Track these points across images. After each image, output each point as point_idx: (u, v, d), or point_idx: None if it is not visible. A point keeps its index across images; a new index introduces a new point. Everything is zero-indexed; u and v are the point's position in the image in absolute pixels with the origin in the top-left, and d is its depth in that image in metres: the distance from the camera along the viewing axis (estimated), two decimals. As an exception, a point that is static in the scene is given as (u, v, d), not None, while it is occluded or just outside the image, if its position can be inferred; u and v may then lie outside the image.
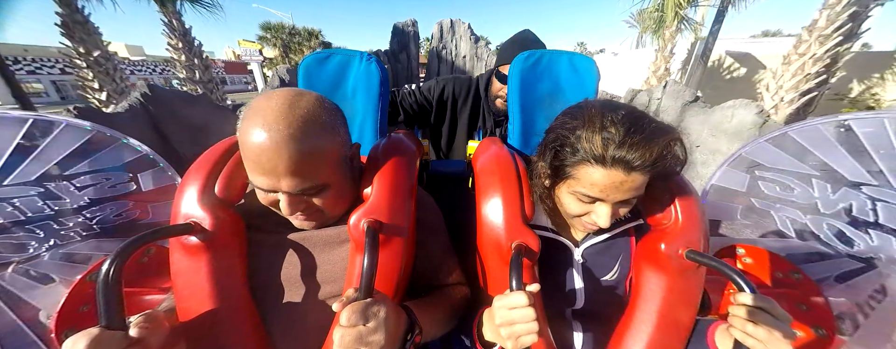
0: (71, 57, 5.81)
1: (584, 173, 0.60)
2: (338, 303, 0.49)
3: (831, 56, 4.87)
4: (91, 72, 5.81)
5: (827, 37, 4.77)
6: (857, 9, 4.56)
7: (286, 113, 0.53)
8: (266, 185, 0.57)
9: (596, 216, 0.64)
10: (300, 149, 0.54)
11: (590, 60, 1.03)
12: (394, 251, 0.65)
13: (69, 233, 0.93)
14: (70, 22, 5.45)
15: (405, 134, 0.97)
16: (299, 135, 0.54)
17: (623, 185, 0.57)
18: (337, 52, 1.05)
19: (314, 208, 0.63)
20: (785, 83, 5.18)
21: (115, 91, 5.99)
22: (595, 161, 0.57)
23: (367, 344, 0.49)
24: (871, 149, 0.83)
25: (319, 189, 0.61)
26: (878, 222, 0.83)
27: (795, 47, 5.12)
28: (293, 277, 0.68)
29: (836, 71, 5.09)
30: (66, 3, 5.37)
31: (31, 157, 0.87)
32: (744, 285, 0.56)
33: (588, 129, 0.59)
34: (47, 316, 0.87)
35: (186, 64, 6.58)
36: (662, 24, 7.14)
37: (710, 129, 2.29)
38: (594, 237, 0.77)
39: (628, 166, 0.55)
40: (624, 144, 0.55)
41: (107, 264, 0.49)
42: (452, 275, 0.79)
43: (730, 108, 2.20)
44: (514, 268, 0.58)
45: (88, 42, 5.68)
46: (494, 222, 0.69)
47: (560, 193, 0.68)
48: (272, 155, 0.53)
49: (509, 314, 0.54)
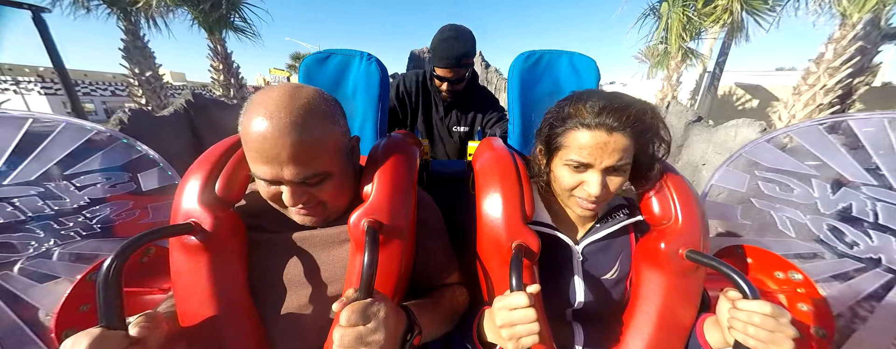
0: (125, 78, 7.25)
1: (572, 139, 0.66)
2: (337, 304, 0.49)
3: (844, 87, 4.99)
4: (141, 89, 7.23)
5: (836, 69, 4.91)
6: (864, 43, 4.72)
7: (287, 102, 0.55)
8: (269, 175, 0.57)
9: (588, 185, 0.67)
10: (302, 136, 0.55)
11: (590, 60, 1.03)
12: (394, 251, 0.65)
13: (69, 233, 0.93)
14: (131, 47, 6.95)
15: (405, 134, 0.97)
16: (301, 122, 0.54)
17: (607, 147, 0.63)
18: (337, 52, 1.05)
19: (316, 200, 0.63)
20: (797, 113, 5.32)
21: (159, 107, 7.26)
22: (581, 126, 0.65)
23: (367, 344, 0.49)
24: (871, 149, 0.83)
25: (321, 178, 0.61)
26: (878, 222, 0.83)
27: (804, 78, 5.28)
28: (293, 277, 0.68)
29: (852, 103, 5.22)
30: (131, 31, 6.85)
31: (31, 157, 0.87)
32: (744, 285, 0.56)
33: (575, 104, 0.68)
34: (47, 315, 0.87)
35: (223, 83, 7.76)
36: (667, 54, 7.54)
37: (715, 147, 2.37)
38: (593, 234, 0.78)
39: (609, 127, 0.63)
40: (604, 110, 0.64)
41: (107, 264, 0.49)
42: (452, 275, 0.79)
43: (733, 127, 2.28)
44: (514, 268, 0.58)
45: (143, 64, 7.11)
46: (494, 222, 0.69)
47: (555, 168, 0.72)
48: (275, 143, 0.53)
49: (510, 315, 0.54)
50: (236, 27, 7.68)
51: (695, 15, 6.65)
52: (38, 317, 0.87)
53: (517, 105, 1.01)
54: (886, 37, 4.90)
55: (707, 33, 7.31)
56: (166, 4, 6.61)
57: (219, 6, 7.00)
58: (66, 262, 0.92)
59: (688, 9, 6.67)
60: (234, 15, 7.51)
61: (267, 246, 0.69)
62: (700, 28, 6.88)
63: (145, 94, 7.25)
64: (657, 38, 7.37)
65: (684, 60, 7.53)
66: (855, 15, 4.64)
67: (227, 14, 7.31)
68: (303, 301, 0.67)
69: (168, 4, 6.63)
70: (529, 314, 0.53)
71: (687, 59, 7.56)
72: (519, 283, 0.56)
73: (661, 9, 7.05)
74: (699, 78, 9.12)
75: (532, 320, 0.53)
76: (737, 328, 0.55)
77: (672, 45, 7.10)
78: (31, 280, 0.88)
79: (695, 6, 6.63)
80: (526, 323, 0.53)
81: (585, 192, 0.68)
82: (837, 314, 0.85)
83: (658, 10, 7.17)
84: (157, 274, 0.85)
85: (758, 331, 0.52)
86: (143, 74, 7.14)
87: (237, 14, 7.55)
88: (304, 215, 0.66)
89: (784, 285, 0.85)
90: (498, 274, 0.71)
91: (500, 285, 0.70)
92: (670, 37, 7.00)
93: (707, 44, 8.47)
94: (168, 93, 7.74)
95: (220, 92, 7.83)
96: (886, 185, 0.82)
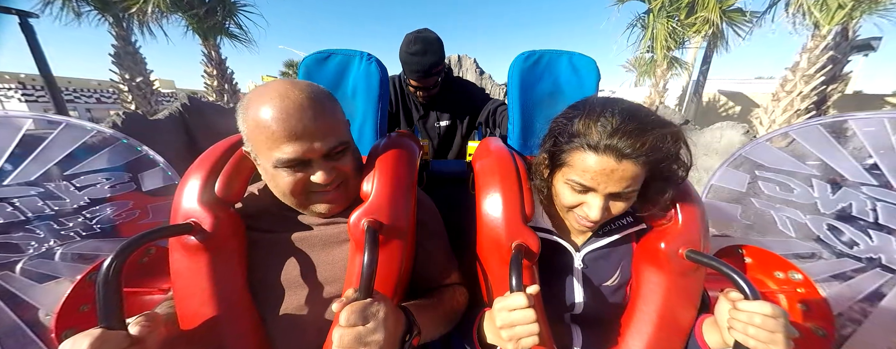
0: (114, 84, 7.16)
1: (577, 159, 0.61)
2: (337, 304, 0.49)
3: (819, 94, 5.40)
4: (131, 95, 7.14)
5: (810, 77, 5.32)
6: (835, 53, 5.15)
7: (292, 85, 0.57)
8: (299, 152, 0.56)
9: (587, 208, 0.63)
10: (323, 106, 0.58)
11: (590, 60, 1.03)
12: (393, 251, 0.65)
13: (69, 233, 0.93)
14: (122, 52, 6.85)
15: (405, 134, 0.97)
16: (314, 97, 0.57)
17: (614, 174, 0.58)
18: (337, 52, 1.05)
19: (343, 175, 0.64)
20: (777, 118, 5.67)
21: (149, 113, 7.24)
22: (588, 147, 0.59)
23: (366, 344, 0.49)
24: (872, 149, 0.83)
25: (344, 147, 0.63)
26: (878, 222, 0.83)
27: (782, 86, 5.66)
28: (293, 277, 0.68)
29: (827, 109, 5.59)
30: (122, 37, 6.75)
31: (31, 157, 0.87)
32: (744, 285, 0.56)
33: (586, 118, 0.61)
34: (47, 315, 0.87)
35: (217, 89, 7.70)
36: (653, 62, 7.98)
37: (702, 148, 2.53)
38: (595, 241, 0.76)
39: (619, 154, 0.56)
40: (617, 132, 0.56)
41: (106, 263, 0.49)
42: (452, 276, 0.79)
43: (718, 130, 2.45)
44: (514, 267, 0.58)
45: (134, 70, 7.01)
46: (494, 222, 0.69)
47: (556, 183, 0.68)
48: (300, 117, 0.54)
49: (510, 316, 0.54)
50: (231, 33, 7.68)
51: (678, 25, 6.98)
52: (38, 317, 0.87)
53: (517, 105, 1.01)
54: (855, 47, 5.25)
55: (690, 43, 7.72)
56: (161, 11, 6.57)
57: (214, 13, 7.00)
58: (67, 262, 0.92)
59: (672, 19, 7.02)
60: (229, 21, 7.50)
61: (267, 246, 0.69)
62: (684, 38, 7.24)
63: (135, 100, 7.18)
64: (644, 47, 7.73)
65: (670, 68, 7.90)
66: (825, 26, 4.96)
67: (223, 20, 7.31)
68: (302, 301, 0.67)
69: (162, 11, 6.58)
70: (529, 315, 0.53)
71: (672, 67, 7.93)
72: (519, 283, 0.56)
73: (648, 20, 7.41)
74: (685, 85, 9.62)
75: (532, 321, 0.53)
76: (737, 329, 0.55)
77: (658, 53, 7.45)
78: (32, 280, 0.88)
79: (678, 17, 6.97)
80: (526, 323, 0.53)
81: (584, 213, 0.65)
82: (837, 314, 0.85)
83: (644, 20, 7.53)
84: (157, 274, 0.85)
85: (758, 332, 0.52)
86: (134, 80, 7.06)
87: (232, 20, 7.54)
88: (331, 201, 0.66)
89: (784, 285, 0.85)
90: (498, 274, 0.71)
91: (500, 285, 0.70)
92: (656, 46, 7.33)
93: (691, 53, 8.94)
94: (157, 99, 7.72)
95: (213, 97, 7.80)
96: (886, 185, 0.82)
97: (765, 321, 0.52)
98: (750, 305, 0.54)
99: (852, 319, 0.86)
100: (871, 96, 8.92)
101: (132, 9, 6.29)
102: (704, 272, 0.73)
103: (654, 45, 7.35)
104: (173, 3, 6.50)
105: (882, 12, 4.79)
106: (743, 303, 0.55)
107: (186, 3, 6.65)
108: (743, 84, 11.20)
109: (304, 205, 0.66)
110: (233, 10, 7.40)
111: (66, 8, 6.27)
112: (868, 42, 5.98)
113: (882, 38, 6.23)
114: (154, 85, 7.61)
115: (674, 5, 6.80)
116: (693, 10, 6.69)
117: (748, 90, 10.46)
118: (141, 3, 6.16)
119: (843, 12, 4.72)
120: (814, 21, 5.11)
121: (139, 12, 6.40)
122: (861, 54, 5.97)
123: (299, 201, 0.64)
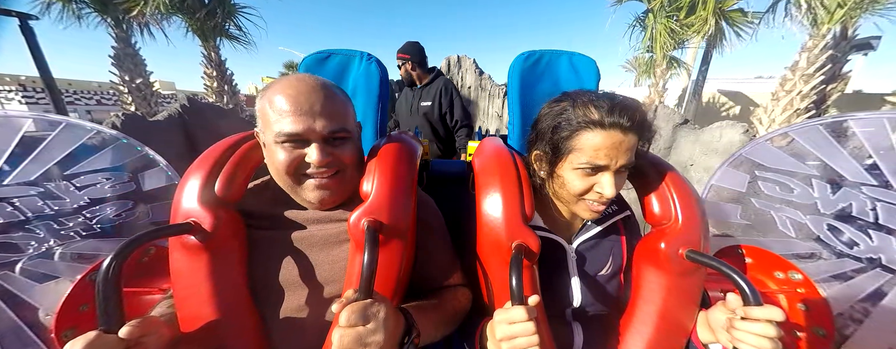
0: (114, 86, 7.14)
1: (585, 140, 0.64)
2: (337, 304, 0.49)
3: (818, 93, 5.37)
4: (131, 96, 7.14)
5: (810, 76, 5.29)
6: (834, 52, 5.12)
7: (306, 75, 0.64)
8: (299, 127, 0.59)
9: (601, 186, 0.66)
10: (333, 92, 0.64)
11: (590, 60, 1.03)
12: (394, 251, 0.65)
13: (69, 233, 0.93)
14: (122, 54, 6.86)
15: (406, 134, 0.97)
16: (328, 84, 0.65)
17: (622, 146, 0.63)
18: (337, 52, 1.05)
19: (338, 164, 0.66)
20: (776, 117, 5.66)
21: (149, 114, 7.52)
22: (594, 125, 0.63)
23: (366, 344, 0.49)
24: (872, 149, 0.83)
25: (346, 136, 0.66)
26: (878, 222, 0.83)
27: (782, 85, 5.64)
28: (293, 277, 0.67)
29: (826, 108, 5.58)
30: (122, 38, 6.77)
31: (31, 157, 0.87)
32: (744, 286, 0.56)
33: (578, 106, 0.66)
34: (47, 315, 0.87)
35: (217, 90, 7.68)
36: (653, 62, 7.98)
37: (701, 147, 2.51)
38: (585, 232, 0.79)
39: (622, 127, 0.62)
40: (614, 108, 0.63)
41: (106, 263, 0.49)
42: (453, 277, 0.78)
43: (718, 129, 2.43)
44: (515, 268, 0.58)
45: (134, 72, 7.02)
46: (494, 222, 0.69)
47: (563, 173, 0.70)
48: (309, 96, 0.60)
49: (510, 328, 0.54)
50: (231, 35, 7.66)
51: (678, 25, 6.99)
52: (38, 317, 0.87)
53: (517, 105, 1.01)
54: (854, 47, 5.24)
55: (690, 43, 7.69)
56: (161, 13, 6.54)
57: (214, 14, 6.99)
58: (67, 262, 0.92)
59: (671, 20, 7.03)
60: (229, 23, 7.48)
61: (267, 246, 0.69)
62: (683, 38, 7.25)
63: (135, 101, 7.18)
64: (643, 47, 7.78)
65: (669, 68, 7.92)
66: (825, 25, 4.96)
67: (223, 22, 7.29)
68: (302, 301, 0.67)
69: (162, 13, 6.56)
70: (529, 327, 0.53)
71: (672, 67, 7.96)
72: (519, 284, 0.56)
73: (647, 20, 7.46)
74: (685, 85, 9.61)
75: (532, 333, 0.53)
76: (737, 328, 0.55)
77: (657, 53, 7.47)
78: (32, 280, 0.88)
79: (678, 17, 6.98)
80: (526, 336, 0.53)
81: (598, 194, 0.67)
82: (837, 314, 0.85)
83: (644, 21, 7.59)
84: (157, 274, 0.85)
85: (759, 334, 0.52)
86: (134, 82, 7.06)
87: (232, 22, 7.54)
88: (322, 189, 0.66)
89: (784, 285, 0.85)
90: (498, 274, 0.71)
91: (501, 285, 0.70)
92: (655, 46, 7.36)
93: (690, 53, 8.98)
94: (157, 100, 7.70)
95: (213, 99, 7.75)
96: (886, 185, 0.82)
97: (763, 321, 0.52)
98: (755, 312, 0.54)
99: (853, 319, 0.86)
100: (870, 95, 8.95)
101: (133, 11, 6.30)
102: (704, 272, 0.73)
103: (654, 45, 7.39)
104: (173, 5, 6.49)
105: (882, 11, 4.79)
106: (748, 309, 0.55)
107: (187, 6, 6.64)
108: (743, 84, 11.23)
109: (296, 186, 0.66)
110: (232, 11, 7.41)
111: (66, 10, 6.27)
112: (867, 41, 5.97)
113: (881, 38, 6.23)
114: (154, 86, 7.59)
115: (673, 5, 6.82)
116: (693, 9, 6.70)
117: (748, 90, 10.48)
118: (141, 5, 6.16)
119: (843, 11, 4.74)
120: (813, 19, 5.11)
121: (139, 15, 6.39)
122: (861, 53, 5.93)
123: (291, 181, 0.65)
